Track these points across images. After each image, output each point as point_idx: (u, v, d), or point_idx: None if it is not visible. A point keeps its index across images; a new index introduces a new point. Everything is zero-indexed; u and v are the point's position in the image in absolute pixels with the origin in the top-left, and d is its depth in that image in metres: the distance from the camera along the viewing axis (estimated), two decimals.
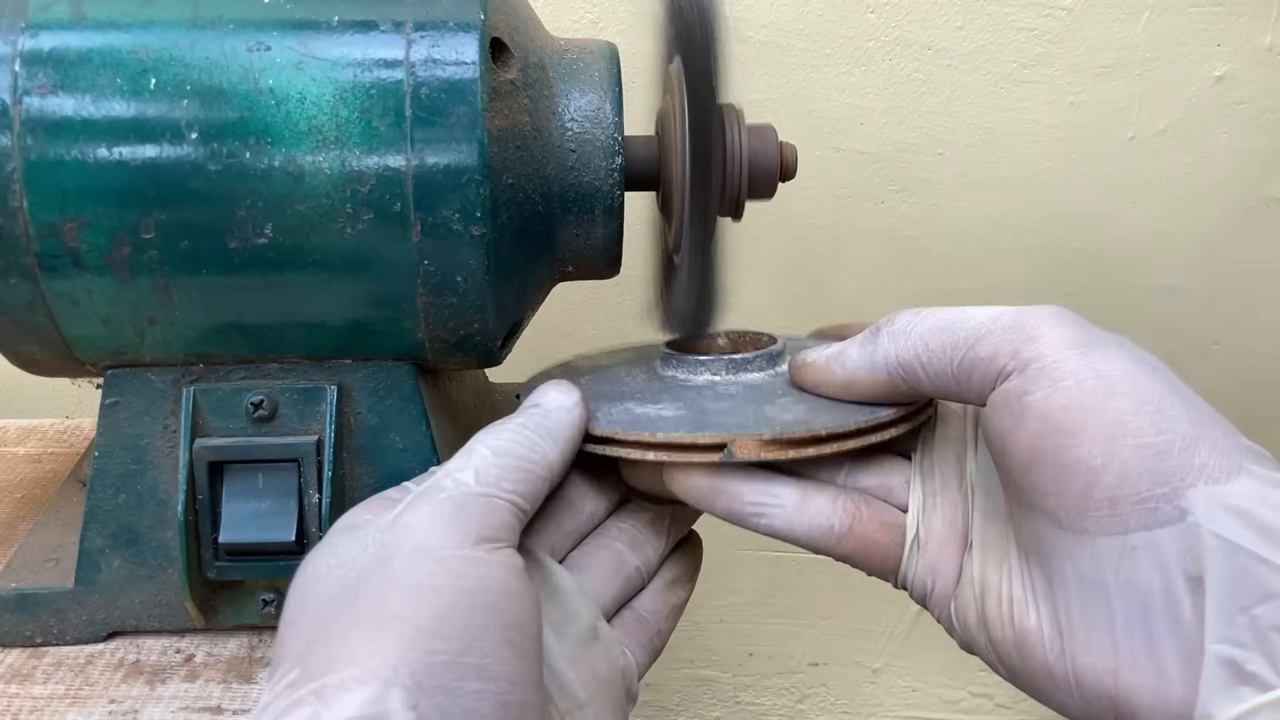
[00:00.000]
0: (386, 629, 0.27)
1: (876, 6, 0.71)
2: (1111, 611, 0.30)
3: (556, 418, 0.35)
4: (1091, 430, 0.30)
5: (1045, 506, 0.31)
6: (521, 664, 0.29)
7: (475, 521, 0.31)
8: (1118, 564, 0.30)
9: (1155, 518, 0.29)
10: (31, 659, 0.43)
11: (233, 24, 0.38)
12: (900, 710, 0.99)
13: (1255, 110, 0.73)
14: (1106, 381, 0.30)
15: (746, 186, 0.41)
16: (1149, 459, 0.29)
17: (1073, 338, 0.31)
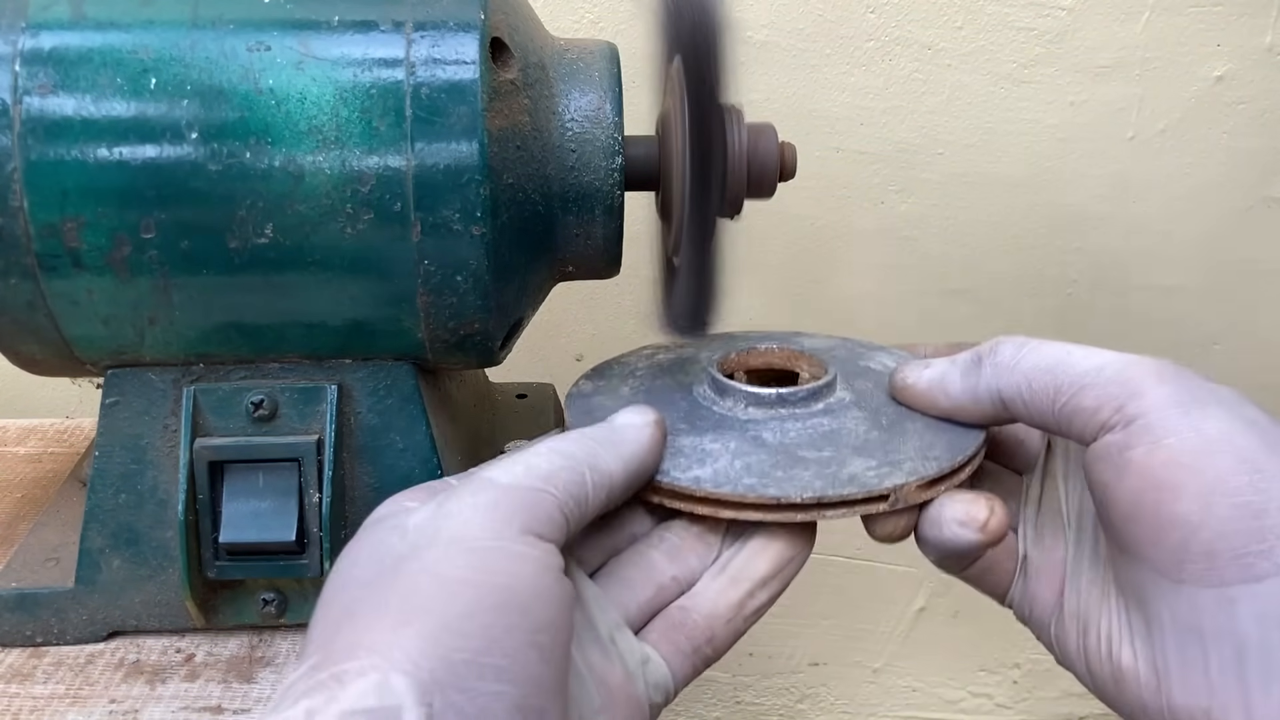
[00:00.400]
0: (412, 621, 0.27)
1: (876, 6, 0.71)
2: (1207, 657, 0.31)
3: (625, 434, 0.35)
4: (1191, 488, 0.31)
5: (1145, 555, 0.32)
6: (545, 668, 0.28)
7: (519, 512, 0.30)
8: (1215, 613, 0.31)
9: (1252, 573, 0.30)
10: (32, 659, 0.43)
11: (233, 24, 0.38)
12: (900, 710, 0.99)
13: (1255, 110, 0.73)
14: (1206, 440, 0.31)
15: (746, 186, 0.41)
16: (1245, 518, 0.30)
17: (1176, 396, 0.32)
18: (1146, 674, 0.33)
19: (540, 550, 0.30)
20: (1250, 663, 0.31)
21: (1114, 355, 0.34)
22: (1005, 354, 0.36)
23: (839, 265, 0.78)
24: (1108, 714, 0.36)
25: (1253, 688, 0.31)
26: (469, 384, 0.52)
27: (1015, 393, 0.35)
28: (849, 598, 0.93)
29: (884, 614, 0.94)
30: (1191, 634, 0.32)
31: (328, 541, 0.41)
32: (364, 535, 0.31)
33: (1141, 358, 0.34)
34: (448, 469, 0.43)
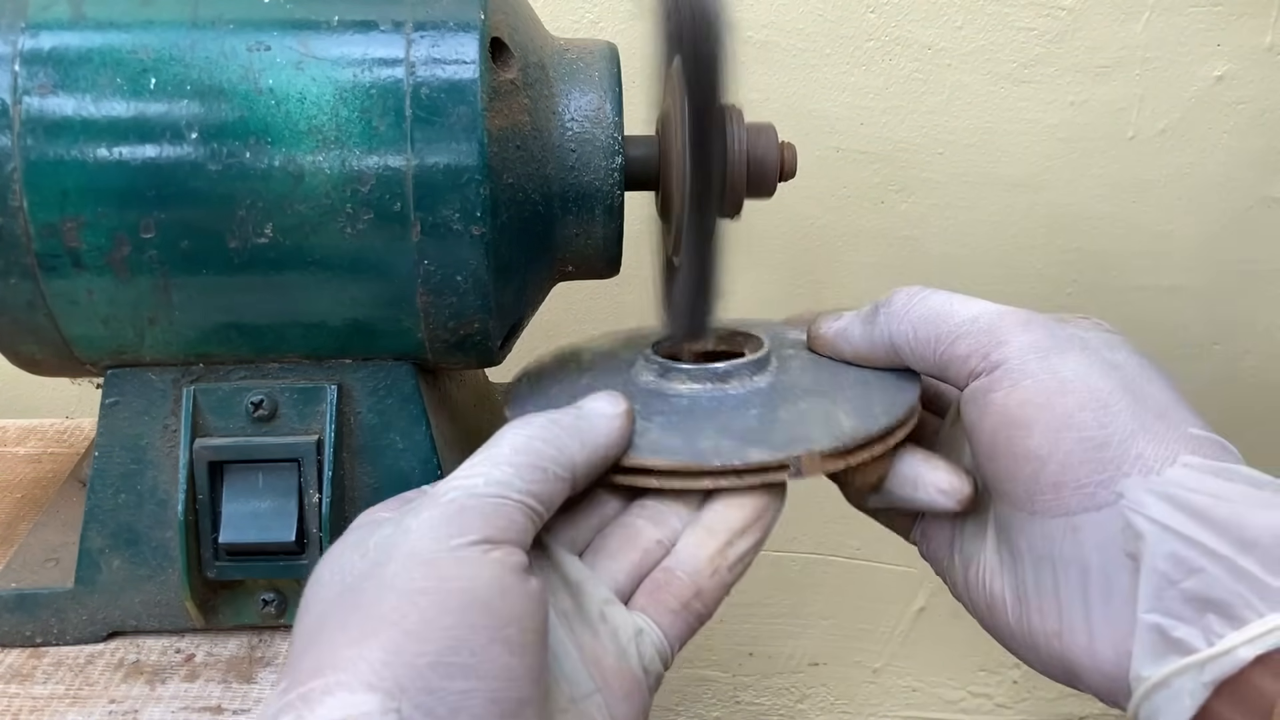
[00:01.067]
0: (373, 634, 0.28)
1: (876, 6, 0.71)
2: (1056, 582, 0.34)
3: (590, 421, 0.35)
4: (1040, 424, 0.34)
5: (1004, 490, 0.35)
6: (516, 660, 0.29)
7: (475, 523, 0.30)
8: (1062, 541, 0.34)
9: (1093, 501, 0.33)
10: (31, 659, 0.43)
11: (232, 24, 0.38)
12: (900, 710, 0.99)
13: (1255, 110, 0.73)
14: (1060, 381, 0.34)
15: (746, 186, 0.41)
16: (1089, 450, 0.33)
17: (1037, 342, 0.35)
18: (1012, 602, 0.36)
19: (499, 552, 0.30)
20: (1092, 584, 0.33)
21: (990, 306, 0.37)
22: (897, 303, 0.39)
23: (839, 265, 0.78)
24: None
25: (1094, 606, 0.33)
26: (469, 384, 0.52)
27: (904, 340, 0.38)
28: (849, 598, 0.93)
29: (884, 614, 0.94)
30: (1045, 561, 0.34)
31: (327, 542, 0.41)
32: (329, 555, 0.32)
33: (1014, 309, 0.36)
34: (448, 469, 0.43)
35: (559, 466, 0.33)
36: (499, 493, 0.31)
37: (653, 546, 0.36)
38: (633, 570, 0.36)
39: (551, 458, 0.33)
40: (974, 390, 0.36)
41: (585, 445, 0.34)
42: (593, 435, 0.35)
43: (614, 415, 0.36)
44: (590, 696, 0.32)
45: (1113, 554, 0.33)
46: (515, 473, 0.32)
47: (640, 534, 0.36)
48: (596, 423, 0.35)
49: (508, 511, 0.31)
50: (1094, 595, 0.33)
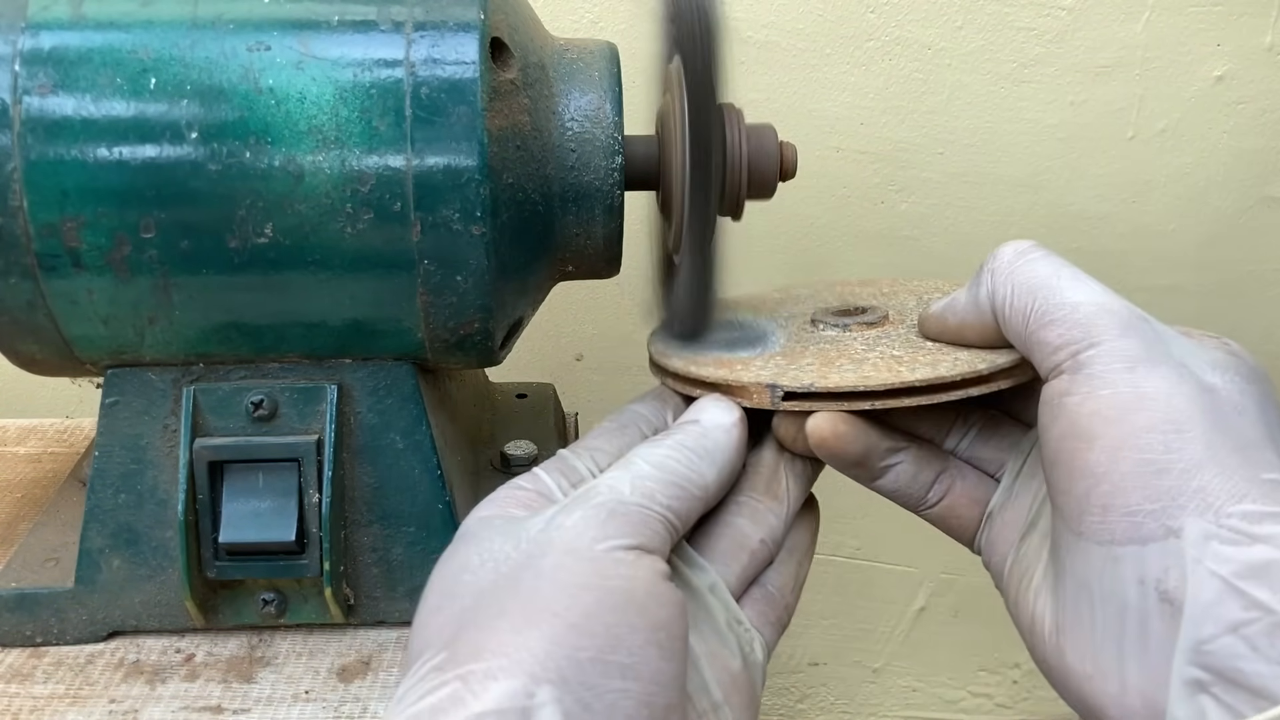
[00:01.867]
0: (535, 623, 0.27)
1: (876, 6, 0.71)
2: (1093, 617, 0.31)
3: (715, 437, 0.35)
4: (1105, 439, 0.31)
5: (1058, 504, 0.32)
6: (667, 665, 0.28)
7: (626, 528, 0.30)
8: (1102, 571, 0.31)
9: (1140, 533, 0.30)
10: (31, 659, 0.43)
11: (233, 24, 0.38)
12: (900, 710, 0.99)
13: (1255, 110, 0.73)
14: (1138, 396, 0.31)
15: (746, 186, 0.41)
16: (1147, 475, 0.30)
17: (1130, 351, 0.32)
18: (1051, 629, 0.33)
19: (650, 560, 0.30)
20: (1128, 629, 0.30)
21: (1097, 294, 0.33)
22: (1003, 258, 0.35)
23: (839, 265, 0.78)
24: None
25: (1128, 656, 0.30)
26: (469, 384, 0.52)
27: (1002, 301, 0.35)
28: (849, 598, 0.93)
29: (884, 614, 0.94)
30: (1084, 591, 0.31)
31: (327, 541, 0.41)
32: (472, 540, 0.31)
33: (1123, 305, 0.33)
34: (448, 469, 0.43)
35: (695, 486, 0.33)
36: (644, 503, 0.31)
37: (758, 548, 0.37)
38: (742, 574, 0.36)
39: (687, 477, 0.33)
40: (1052, 389, 0.33)
41: (715, 464, 0.34)
42: (720, 454, 0.35)
43: (731, 426, 0.35)
44: (719, 709, 0.32)
45: (1149, 594, 0.29)
46: (657, 487, 0.32)
47: (747, 536, 0.36)
48: (719, 438, 0.35)
49: (653, 522, 0.31)
50: (1129, 638, 0.30)
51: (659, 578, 0.30)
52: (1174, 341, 0.33)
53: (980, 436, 0.40)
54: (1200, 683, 0.28)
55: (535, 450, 0.51)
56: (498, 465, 0.51)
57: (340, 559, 0.42)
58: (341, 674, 0.42)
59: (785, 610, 0.37)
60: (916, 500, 0.39)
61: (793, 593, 0.38)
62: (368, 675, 0.42)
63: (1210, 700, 0.28)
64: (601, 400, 0.79)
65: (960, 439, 0.40)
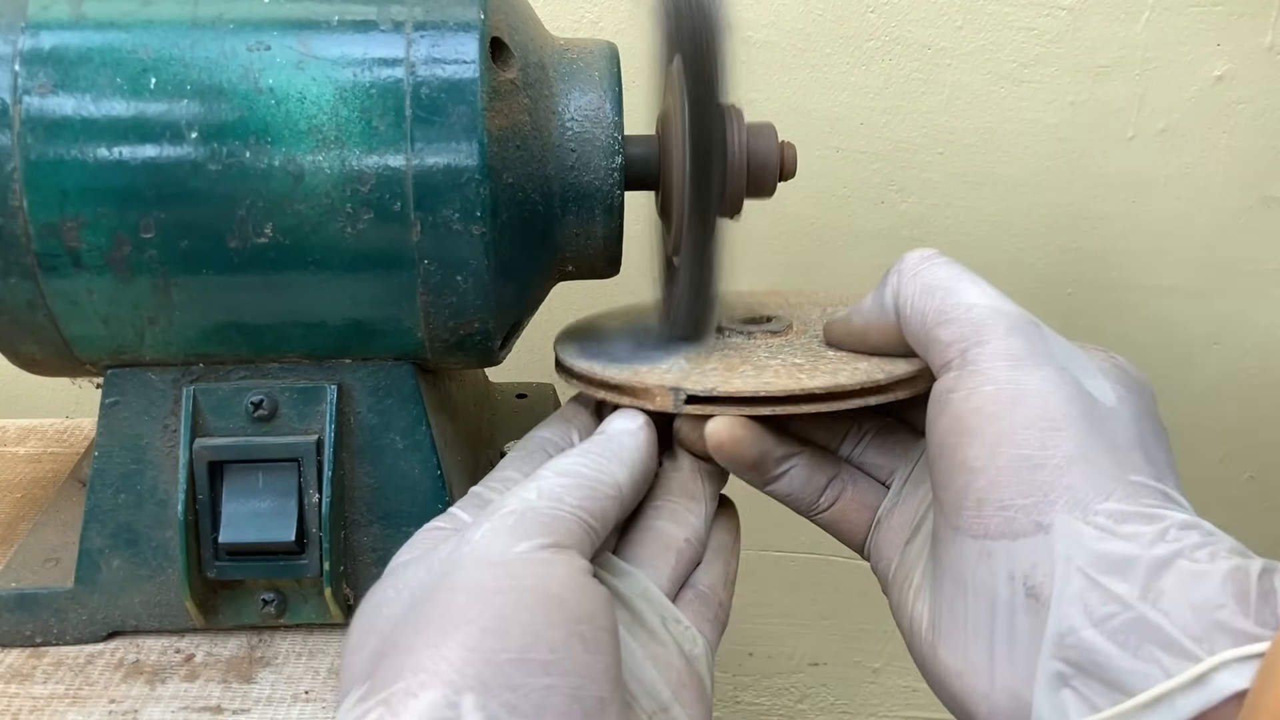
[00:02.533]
0: (450, 634, 0.27)
1: (876, 6, 0.71)
2: (966, 612, 0.31)
3: (620, 440, 0.35)
4: (984, 435, 0.31)
5: (939, 499, 0.33)
6: (594, 658, 0.28)
7: (537, 528, 0.30)
8: (976, 566, 0.31)
9: (1012, 527, 0.30)
10: (31, 659, 0.43)
11: (232, 23, 0.38)
12: (900, 710, 0.99)
13: (1255, 110, 0.73)
14: (1019, 393, 0.31)
15: (746, 186, 0.41)
16: (1022, 470, 0.30)
17: (1015, 349, 0.32)
18: (927, 628, 0.33)
19: (566, 555, 0.30)
20: (998, 624, 0.30)
21: (989, 298, 0.34)
22: (909, 261, 0.37)
23: (839, 265, 0.78)
24: None
25: (997, 652, 0.30)
26: (469, 384, 0.52)
27: (905, 301, 0.36)
28: (849, 598, 0.93)
29: (884, 614, 0.93)
30: (959, 586, 0.32)
31: (327, 541, 0.41)
32: (388, 578, 0.31)
33: (1012, 309, 0.34)
34: (448, 469, 0.43)
35: (605, 486, 0.33)
36: (553, 506, 0.31)
37: (683, 547, 0.37)
38: (673, 575, 0.36)
39: (596, 478, 0.33)
40: (939, 386, 0.34)
41: (624, 464, 0.34)
42: (628, 454, 0.35)
43: (636, 429, 0.36)
44: (669, 708, 0.32)
45: (1017, 589, 0.30)
46: (565, 490, 0.32)
47: (671, 537, 0.37)
48: (625, 440, 0.35)
49: (565, 521, 0.31)
50: (998, 633, 0.30)
51: (577, 572, 0.29)
52: (1059, 346, 0.33)
53: (873, 443, 0.41)
54: (1062, 676, 0.29)
55: None
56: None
57: (340, 559, 0.42)
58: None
59: (720, 608, 0.37)
60: (809, 505, 0.40)
61: (725, 589, 0.38)
62: None
63: (1071, 693, 0.28)
64: None
65: (854, 445, 0.41)
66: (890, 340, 0.37)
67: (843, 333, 0.39)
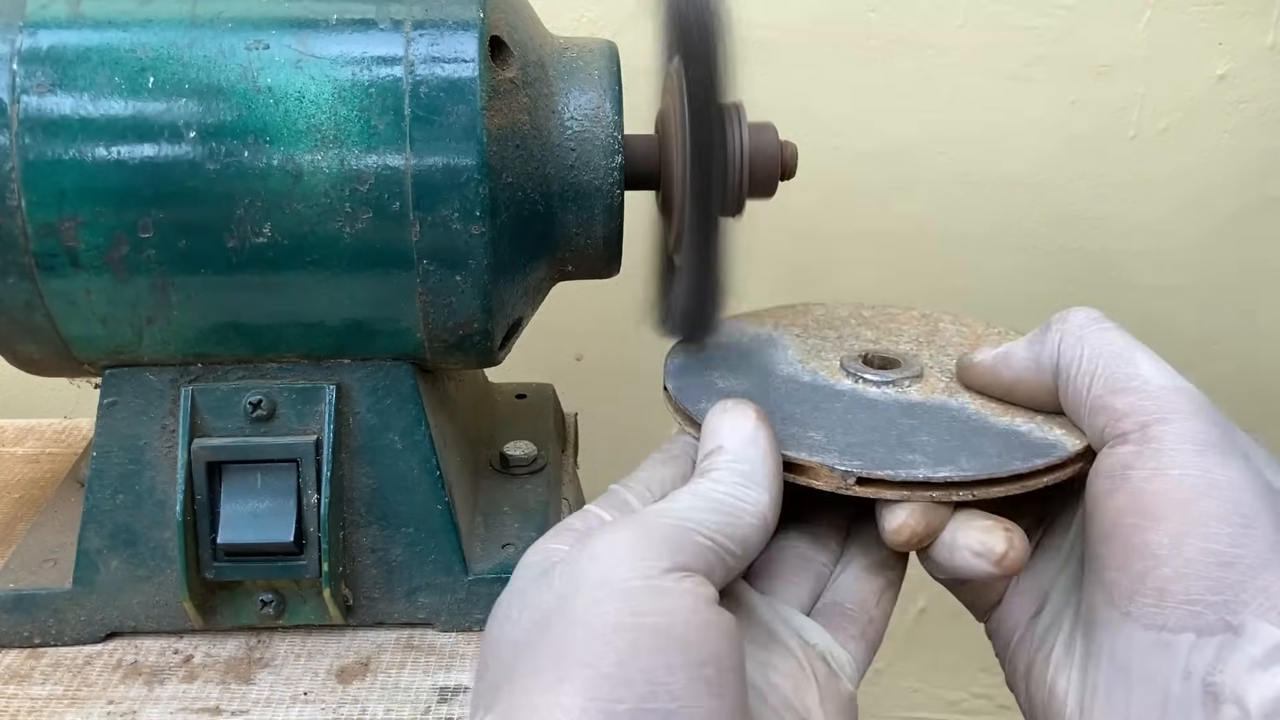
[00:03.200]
0: (568, 677, 0.26)
1: (877, 5, 0.71)
2: (1129, 701, 0.30)
3: (747, 455, 0.33)
4: (1171, 522, 0.30)
5: (1106, 579, 0.31)
6: (718, 702, 0.27)
7: (665, 548, 0.28)
8: (1146, 656, 0.30)
9: (1197, 623, 0.29)
10: (29, 660, 0.42)
11: (231, 22, 0.38)
12: (901, 711, 0.99)
13: (1257, 109, 0.73)
14: (1209, 483, 0.30)
15: (747, 185, 0.41)
16: (1212, 566, 0.29)
17: (1202, 435, 0.31)
18: (1073, 708, 0.32)
19: (691, 583, 0.28)
20: (1169, 716, 0.29)
21: (1171, 375, 0.33)
22: (1075, 320, 0.35)
23: (840, 265, 0.78)
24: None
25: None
26: (468, 384, 0.52)
27: (1069, 362, 0.34)
28: None
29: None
30: (1122, 674, 0.31)
31: (325, 542, 0.41)
32: (513, 589, 0.31)
33: (1192, 387, 0.32)
34: (447, 469, 0.43)
35: (747, 514, 0.31)
36: (682, 523, 0.30)
37: (822, 569, 0.36)
38: (811, 595, 0.36)
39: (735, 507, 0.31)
40: (1113, 459, 0.32)
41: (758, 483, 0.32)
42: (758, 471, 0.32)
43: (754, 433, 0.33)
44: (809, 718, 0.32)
45: (1194, 687, 0.29)
46: (701, 514, 0.30)
47: (808, 558, 0.36)
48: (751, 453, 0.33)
49: (695, 541, 0.29)
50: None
51: (702, 604, 0.28)
52: (1240, 434, 0.32)
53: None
54: None
55: (535, 450, 0.51)
56: (497, 466, 0.50)
57: (339, 560, 0.42)
58: (340, 675, 0.42)
59: (870, 624, 0.36)
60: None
61: (878, 606, 0.36)
62: (366, 676, 0.42)
63: None
64: (601, 400, 0.79)
65: None
66: (1039, 397, 0.36)
67: (988, 381, 0.37)
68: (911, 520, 0.33)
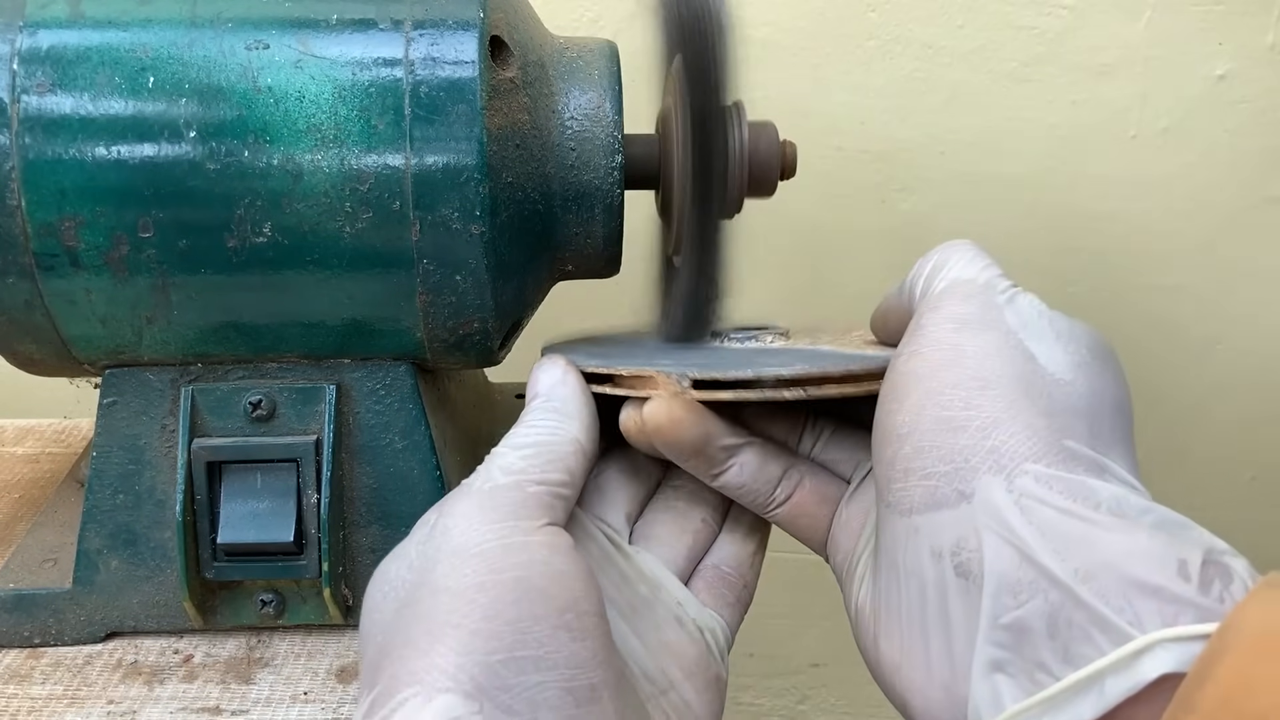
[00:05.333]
0: (439, 639, 0.27)
1: (877, 5, 0.70)
2: (901, 598, 0.29)
3: (558, 393, 0.35)
4: (912, 398, 0.29)
5: (875, 476, 0.30)
6: (581, 645, 0.28)
7: (508, 507, 0.30)
8: (905, 545, 0.28)
9: (935, 497, 0.27)
10: (30, 660, 0.42)
11: (231, 22, 0.38)
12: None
13: (1257, 109, 0.73)
14: (954, 356, 0.29)
15: (747, 185, 0.41)
16: (944, 433, 0.28)
17: (964, 314, 0.30)
18: (868, 618, 0.31)
19: (542, 534, 0.29)
20: (929, 608, 0.28)
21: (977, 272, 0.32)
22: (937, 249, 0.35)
23: (840, 265, 0.78)
24: None
25: (930, 642, 0.27)
26: (468, 384, 0.52)
27: (912, 280, 0.34)
28: None
29: None
30: (893, 571, 0.29)
31: (326, 542, 0.41)
32: (375, 581, 0.31)
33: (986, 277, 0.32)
34: (447, 469, 0.43)
35: (563, 444, 0.33)
36: (519, 480, 0.31)
37: (700, 526, 0.37)
38: (688, 554, 0.36)
39: (551, 441, 0.33)
40: (894, 355, 0.31)
41: (570, 415, 0.34)
42: (568, 405, 0.34)
43: (564, 377, 0.35)
44: (666, 693, 0.32)
45: (945, 568, 0.27)
46: (526, 463, 0.32)
47: (685, 516, 0.37)
48: (562, 393, 0.35)
49: (536, 493, 0.31)
50: (930, 619, 0.28)
51: (556, 553, 0.29)
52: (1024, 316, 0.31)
53: (833, 440, 0.38)
54: (996, 661, 0.26)
55: None
56: None
57: (339, 560, 0.42)
58: (340, 675, 0.42)
59: (745, 589, 0.37)
60: (764, 498, 0.37)
61: (750, 569, 0.37)
62: None
63: (1005, 679, 0.26)
64: None
65: (813, 442, 0.38)
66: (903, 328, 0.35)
67: (874, 324, 0.39)
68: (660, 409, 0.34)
